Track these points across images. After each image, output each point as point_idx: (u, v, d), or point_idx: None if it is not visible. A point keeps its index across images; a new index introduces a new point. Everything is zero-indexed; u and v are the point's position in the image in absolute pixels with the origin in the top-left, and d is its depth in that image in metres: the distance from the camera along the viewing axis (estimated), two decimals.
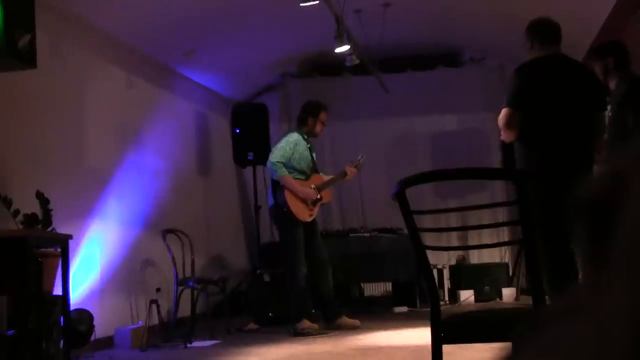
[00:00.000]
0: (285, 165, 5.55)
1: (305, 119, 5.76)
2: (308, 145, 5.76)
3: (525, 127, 3.56)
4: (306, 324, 5.49)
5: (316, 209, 5.71)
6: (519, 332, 0.48)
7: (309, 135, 5.77)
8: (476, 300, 7.15)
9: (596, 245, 0.44)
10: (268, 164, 5.59)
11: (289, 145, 5.59)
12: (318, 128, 5.75)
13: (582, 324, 0.42)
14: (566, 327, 0.43)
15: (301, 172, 5.68)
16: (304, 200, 5.60)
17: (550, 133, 3.54)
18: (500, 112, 3.60)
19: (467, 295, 7.17)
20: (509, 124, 3.56)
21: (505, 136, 3.64)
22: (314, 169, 5.86)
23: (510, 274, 7.37)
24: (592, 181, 0.46)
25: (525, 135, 3.58)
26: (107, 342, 5.22)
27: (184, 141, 7.10)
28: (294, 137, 5.65)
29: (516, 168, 3.72)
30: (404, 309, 6.92)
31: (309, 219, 5.65)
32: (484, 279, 7.26)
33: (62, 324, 4.08)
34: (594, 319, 0.41)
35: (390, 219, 6.91)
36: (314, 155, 5.88)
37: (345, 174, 5.90)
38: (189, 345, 5.19)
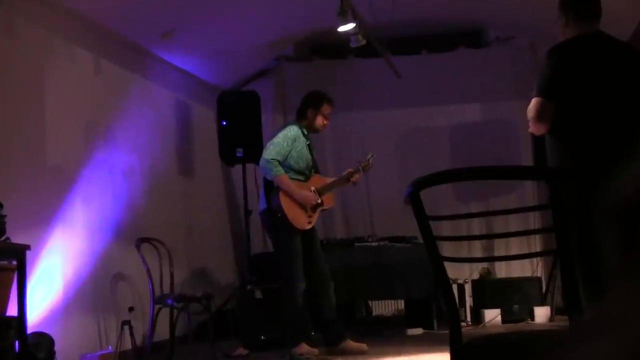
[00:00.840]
0: (281, 164, 5.54)
1: (305, 111, 5.75)
2: (308, 142, 5.75)
3: (559, 119, 3.54)
4: (304, 348, 5.48)
5: (316, 215, 5.70)
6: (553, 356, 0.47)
7: (309, 130, 5.76)
8: (503, 321, 7.14)
9: (630, 252, 0.43)
10: (261, 161, 5.58)
11: (286, 141, 5.58)
12: (319, 122, 5.73)
13: (618, 340, 0.41)
14: (600, 344, 0.42)
15: (299, 172, 5.67)
16: (301, 205, 5.59)
17: (588, 127, 3.52)
18: (530, 101, 3.59)
19: (492, 316, 7.16)
20: (539, 116, 3.55)
21: (535, 129, 3.63)
22: (315, 169, 5.85)
23: (544, 290, 7.36)
24: (626, 182, 0.44)
25: (558, 129, 3.57)
26: None
27: (162, 135, 7.09)
28: (293, 131, 5.64)
29: (549, 166, 3.70)
30: (419, 331, 6.91)
31: (307, 227, 5.64)
32: (512, 296, 7.24)
33: (17, 349, 4.06)
34: (630, 335, 0.40)
35: (403, 225, 6.90)
36: (314, 153, 5.87)
37: (350, 176, 5.87)
38: None
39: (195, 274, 7.33)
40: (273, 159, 5.52)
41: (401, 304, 7.63)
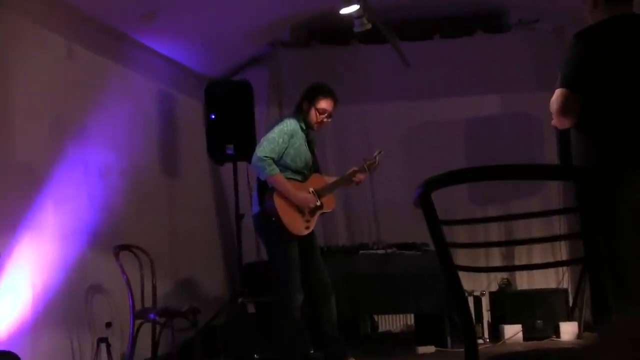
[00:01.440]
0: (276, 162, 5.53)
1: (302, 104, 5.75)
2: (307, 138, 5.74)
3: (587, 112, 3.53)
4: None
5: (314, 220, 5.70)
6: None
7: (308, 125, 5.74)
8: (525, 338, 7.14)
9: None
10: (253, 159, 5.58)
11: (282, 137, 5.57)
12: (312, 116, 5.71)
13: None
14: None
15: (297, 171, 5.67)
16: (298, 208, 5.58)
17: (618, 120, 3.51)
18: (554, 92, 3.58)
19: (513, 332, 7.16)
20: (564, 109, 3.54)
21: (559, 122, 3.62)
22: (315, 168, 5.84)
23: (571, 303, 7.36)
24: None
25: (586, 123, 3.55)
26: None
27: (143, 130, 7.09)
28: (290, 126, 5.63)
29: (575, 164, 3.69)
30: (431, 348, 6.92)
31: (305, 232, 5.64)
32: (535, 310, 7.24)
33: None
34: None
35: (412, 231, 6.89)
36: (315, 150, 5.86)
37: (354, 176, 5.87)
38: None
39: (180, 286, 7.33)
40: (266, 157, 5.51)
41: (411, 319, 7.62)
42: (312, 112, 5.70)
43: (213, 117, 7.38)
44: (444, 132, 8.37)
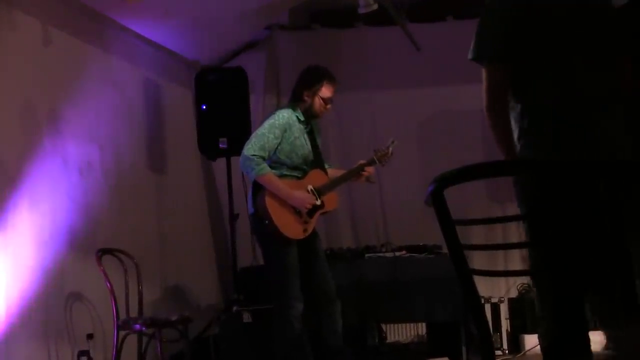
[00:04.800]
0: (267, 159, 5.52)
1: (300, 92, 5.72)
2: (306, 129, 5.72)
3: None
4: None
5: (314, 220, 5.68)
6: None
7: (308, 115, 5.72)
8: None
9: None
10: (241, 159, 5.57)
11: (272, 132, 5.55)
12: (317, 106, 5.70)
13: None
14: None
15: (294, 167, 5.66)
16: (295, 209, 5.57)
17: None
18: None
19: (534, 342, 7.14)
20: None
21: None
22: (317, 162, 5.80)
23: None
24: None
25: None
26: None
27: (128, 122, 7.09)
28: (283, 119, 5.61)
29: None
30: None
31: (303, 235, 5.63)
32: None
33: None
34: None
35: (424, 232, 6.91)
36: (318, 141, 5.82)
37: (362, 169, 5.85)
38: None
39: (169, 293, 7.34)
40: (254, 155, 5.48)
41: (422, 329, 7.64)
42: (317, 102, 5.68)
43: (204, 107, 7.39)
44: (460, 122, 8.36)
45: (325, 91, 5.68)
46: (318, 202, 5.69)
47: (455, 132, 8.30)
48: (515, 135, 3.45)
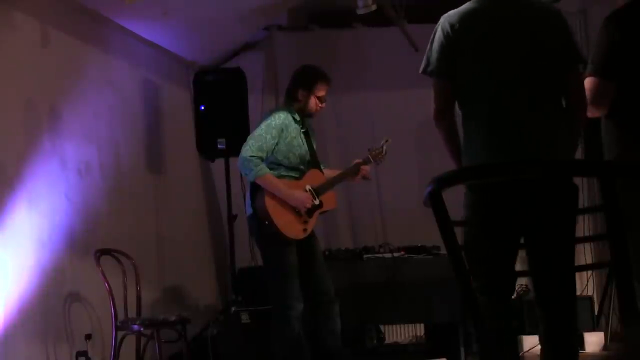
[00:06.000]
0: (266, 160, 5.52)
1: (295, 92, 5.74)
2: (303, 129, 5.73)
3: (620, 101, 3.52)
4: None
5: (313, 220, 5.69)
6: None
7: (303, 114, 5.74)
8: None
9: None
10: (239, 160, 5.57)
11: (270, 133, 5.56)
12: (312, 105, 5.72)
13: None
14: None
15: (292, 168, 5.66)
16: (294, 209, 5.57)
17: None
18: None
19: (532, 343, 7.14)
20: (596, 98, 3.54)
21: (589, 112, 3.62)
22: (313, 162, 5.82)
23: (596, 312, 7.34)
24: None
25: (617, 112, 3.55)
26: None
27: (126, 123, 7.08)
28: (279, 119, 5.62)
29: (604, 158, 3.69)
30: None
31: (303, 235, 5.63)
32: None
33: None
34: None
35: (422, 233, 6.89)
36: (314, 141, 5.84)
37: (358, 169, 5.87)
38: None
39: (167, 294, 7.33)
40: (253, 156, 5.49)
41: (421, 329, 7.62)
42: (312, 101, 5.71)
43: (203, 108, 7.38)
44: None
45: (321, 90, 5.72)
46: (317, 202, 5.70)
47: None
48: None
